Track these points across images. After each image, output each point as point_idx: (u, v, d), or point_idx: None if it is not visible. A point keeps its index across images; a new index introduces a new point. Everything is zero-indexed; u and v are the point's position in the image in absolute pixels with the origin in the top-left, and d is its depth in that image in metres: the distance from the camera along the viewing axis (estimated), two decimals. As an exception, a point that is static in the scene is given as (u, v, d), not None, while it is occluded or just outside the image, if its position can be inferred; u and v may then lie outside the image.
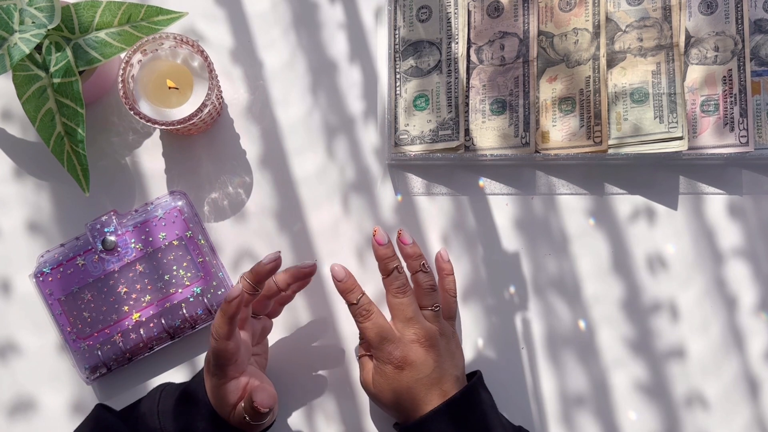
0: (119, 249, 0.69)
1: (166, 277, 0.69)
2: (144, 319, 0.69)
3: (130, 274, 0.69)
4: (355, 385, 0.72)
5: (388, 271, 0.65)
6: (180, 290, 0.69)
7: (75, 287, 0.69)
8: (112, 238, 0.69)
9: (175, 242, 0.70)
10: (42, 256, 0.70)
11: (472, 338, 0.72)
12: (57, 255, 0.70)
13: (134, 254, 0.69)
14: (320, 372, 0.72)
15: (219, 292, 0.70)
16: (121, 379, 0.72)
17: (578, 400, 0.72)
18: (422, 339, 0.64)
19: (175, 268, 0.69)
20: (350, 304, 0.65)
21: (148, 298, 0.69)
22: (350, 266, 0.73)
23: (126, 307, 0.69)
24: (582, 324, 0.73)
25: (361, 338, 0.69)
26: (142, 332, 0.69)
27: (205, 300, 0.69)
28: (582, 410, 0.72)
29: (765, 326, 0.73)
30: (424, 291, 0.66)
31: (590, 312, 0.73)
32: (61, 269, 0.69)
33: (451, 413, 0.63)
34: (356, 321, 0.65)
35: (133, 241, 0.69)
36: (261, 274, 0.63)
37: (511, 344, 0.73)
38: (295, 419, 0.72)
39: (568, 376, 0.72)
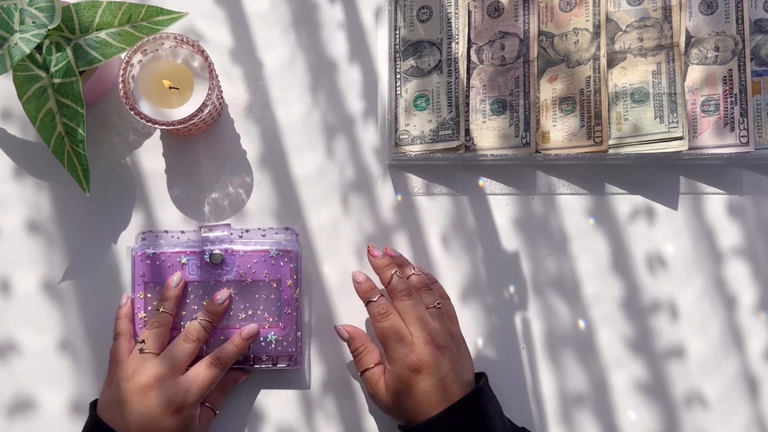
0: (224, 267, 0.69)
1: (250, 312, 0.69)
2: (211, 339, 0.69)
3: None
4: (356, 384, 0.72)
5: (388, 279, 0.67)
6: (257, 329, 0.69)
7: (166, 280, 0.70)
8: (222, 253, 0.69)
9: (274, 284, 0.69)
10: (144, 235, 0.71)
11: (472, 338, 0.72)
12: (164, 243, 0.70)
13: (233, 276, 0.69)
14: (320, 371, 0.72)
15: (290, 350, 0.69)
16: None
17: (578, 399, 0.72)
18: (435, 340, 0.64)
19: (262, 307, 0.69)
20: (369, 302, 0.67)
21: (225, 322, 0.69)
22: (350, 266, 0.73)
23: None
24: (582, 324, 0.73)
25: (355, 355, 0.68)
26: (204, 349, 0.69)
27: (272, 348, 0.69)
28: (582, 410, 0.72)
29: (765, 326, 0.73)
30: (421, 291, 0.67)
31: (590, 312, 0.73)
32: (163, 258, 0.69)
33: (456, 417, 0.63)
34: (374, 321, 0.66)
35: (238, 265, 0.69)
36: (220, 315, 0.69)
37: (511, 344, 0.73)
38: (295, 419, 0.72)
39: (568, 376, 0.73)
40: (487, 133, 0.72)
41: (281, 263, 0.70)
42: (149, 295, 0.70)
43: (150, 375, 0.64)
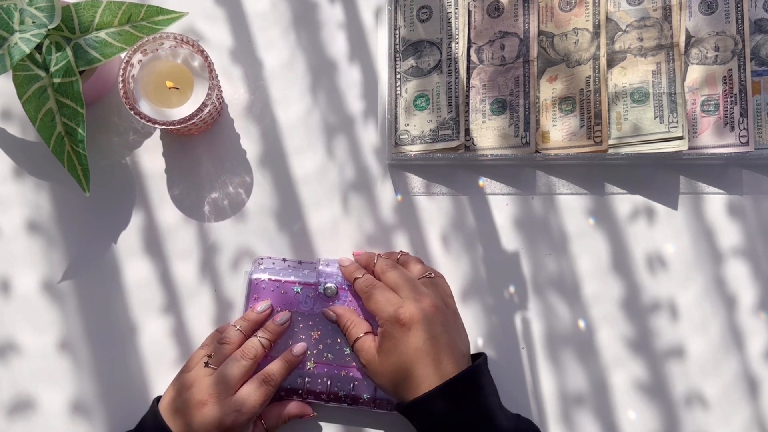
0: (336, 301, 0.70)
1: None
2: (315, 371, 0.69)
3: (330, 327, 0.70)
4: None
5: (373, 264, 0.69)
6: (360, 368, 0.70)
7: (279, 307, 0.70)
8: (336, 288, 0.70)
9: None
10: (262, 260, 0.71)
11: (472, 338, 0.72)
12: (280, 270, 0.70)
13: None
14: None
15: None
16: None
17: (578, 399, 0.72)
18: (425, 301, 0.64)
19: None
20: (355, 280, 0.68)
21: (330, 356, 0.69)
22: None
23: (308, 352, 0.69)
24: (582, 323, 0.73)
25: (344, 330, 0.68)
26: (306, 380, 0.69)
27: (374, 389, 0.69)
28: (582, 410, 0.72)
29: (765, 326, 0.73)
30: (412, 263, 0.69)
31: (590, 311, 0.73)
32: (278, 285, 0.70)
33: (452, 393, 0.62)
34: (362, 294, 0.67)
35: (350, 301, 0.70)
36: (280, 334, 0.69)
37: (511, 344, 0.73)
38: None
39: (568, 376, 0.73)
40: (487, 133, 0.72)
41: None
42: None
43: (205, 391, 0.65)
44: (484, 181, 0.74)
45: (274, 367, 0.67)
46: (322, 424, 0.72)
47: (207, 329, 0.72)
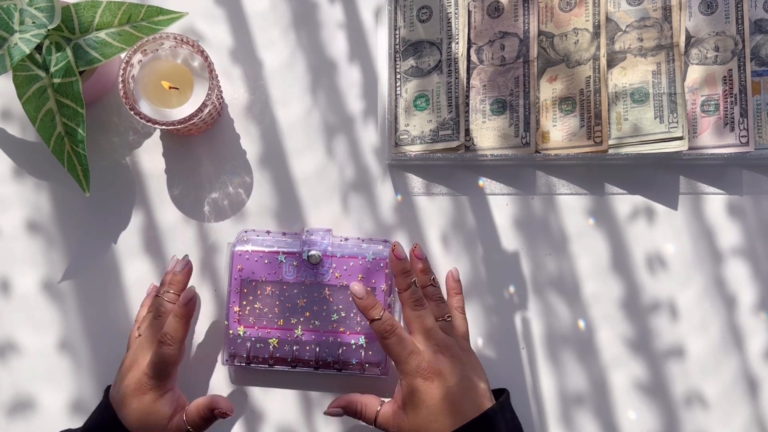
0: (320, 268, 0.70)
1: (343, 314, 0.70)
2: (304, 338, 0.70)
3: (315, 294, 0.70)
4: (356, 384, 0.72)
5: (407, 285, 0.67)
6: (348, 332, 0.70)
7: (263, 277, 0.70)
8: (320, 254, 0.70)
9: (368, 289, 0.69)
10: (246, 232, 0.72)
11: (473, 338, 0.72)
12: (263, 241, 0.71)
13: (329, 279, 0.70)
14: (319, 371, 0.72)
15: (378, 357, 0.70)
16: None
17: (578, 399, 0.72)
18: (444, 349, 0.65)
19: (354, 311, 0.70)
20: (373, 320, 0.65)
21: (317, 323, 0.70)
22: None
23: (294, 320, 0.70)
24: (581, 323, 0.73)
25: (358, 416, 0.68)
26: (295, 349, 0.70)
27: (362, 353, 0.70)
28: (582, 410, 0.72)
29: (764, 326, 0.73)
30: (435, 302, 0.68)
31: (590, 311, 0.73)
32: (261, 255, 0.70)
33: None
34: (381, 338, 0.65)
35: (334, 266, 0.70)
36: (183, 283, 0.69)
37: (511, 344, 0.73)
38: (295, 418, 0.72)
39: (568, 376, 0.73)
40: (487, 133, 0.73)
41: (376, 268, 0.70)
42: (245, 290, 0.70)
43: (132, 357, 0.67)
44: (484, 181, 0.74)
45: (169, 326, 0.66)
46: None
47: (206, 328, 0.73)
